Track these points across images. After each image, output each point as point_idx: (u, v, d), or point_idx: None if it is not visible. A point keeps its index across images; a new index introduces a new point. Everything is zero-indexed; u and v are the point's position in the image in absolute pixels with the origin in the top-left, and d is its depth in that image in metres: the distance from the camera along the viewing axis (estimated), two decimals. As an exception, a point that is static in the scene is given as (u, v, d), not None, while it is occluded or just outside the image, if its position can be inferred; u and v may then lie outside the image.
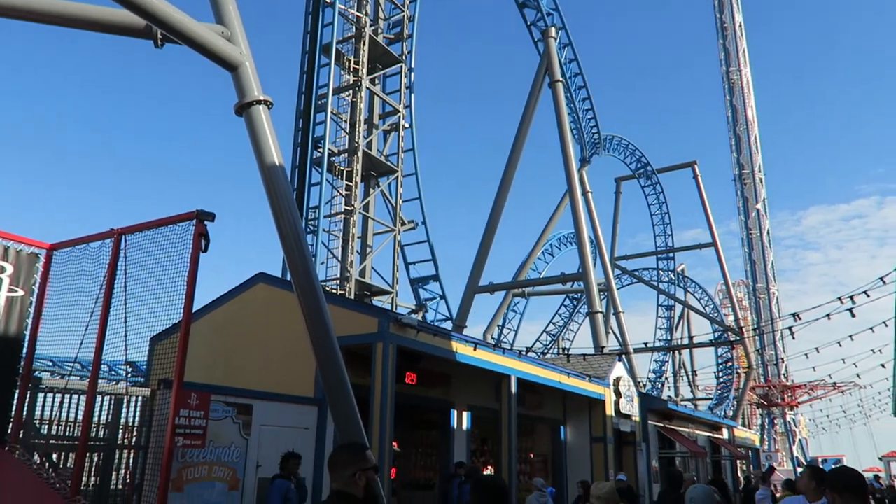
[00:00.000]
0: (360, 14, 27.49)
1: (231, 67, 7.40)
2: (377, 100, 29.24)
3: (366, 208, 27.54)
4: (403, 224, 29.32)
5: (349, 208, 25.96)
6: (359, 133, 26.55)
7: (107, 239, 8.09)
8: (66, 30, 6.88)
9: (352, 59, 26.94)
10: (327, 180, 25.56)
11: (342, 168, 26.25)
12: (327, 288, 24.44)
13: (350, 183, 25.94)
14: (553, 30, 33.85)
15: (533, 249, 45.15)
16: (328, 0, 27.23)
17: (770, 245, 55.98)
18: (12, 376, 8.00)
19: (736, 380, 52.58)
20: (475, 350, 14.99)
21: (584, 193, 39.02)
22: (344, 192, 26.05)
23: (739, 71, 58.14)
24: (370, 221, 28.07)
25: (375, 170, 28.19)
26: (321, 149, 25.65)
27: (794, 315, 13.66)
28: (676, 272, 56.28)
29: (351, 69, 26.89)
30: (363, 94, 27.16)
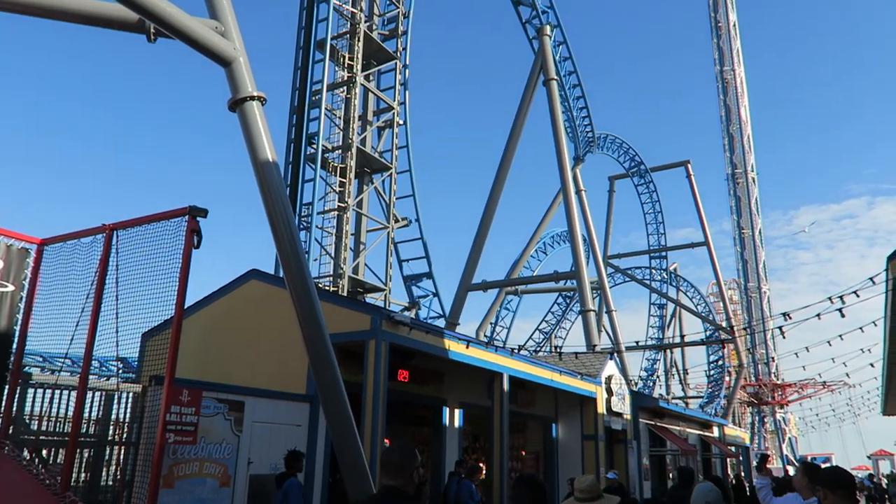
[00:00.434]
0: (355, 10, 27.42)
1: (225, 63, 7.37)
2: (371, 96, 29.19)
3: (359, 205, 27.49)
4: (397, 221, 29.30)
5: (342, 205, 25.91)
6: (353, 129, 26.49)
7: (98, 234, 8.06)
8: (59, 23, 6.84)
9: (346, 56, 26.86)
10: (321, 177, 25.51)
11: (336, 164, 26.19)
12: (320, 284, 24.41)
13: (344, 179, 25.89)
14: (548, 28, 33.85)
15: (526, 247, 45.22)
16: (323, -4, 27.15)
17: (762, 244, 56.27)
18: (2, 372, 7.97)
19: (727, 378, 52.83)
20: (468, 348, 14.99)
21: (578, 192, 39.06)
22: (337, 189, 25.99)
23: (733, 70, 58.34)
24: (363, 218, 28.03)
25: (369, 166, 28.14)
26: (315, 145, 25.60)
27: (785, 315, 13.75)
28: (669, 271, 56.46)
29: (345, 65, 26.81)
30: (357, 91, 27.09)
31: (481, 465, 15.32)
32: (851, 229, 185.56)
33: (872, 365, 21.73)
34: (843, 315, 12.64)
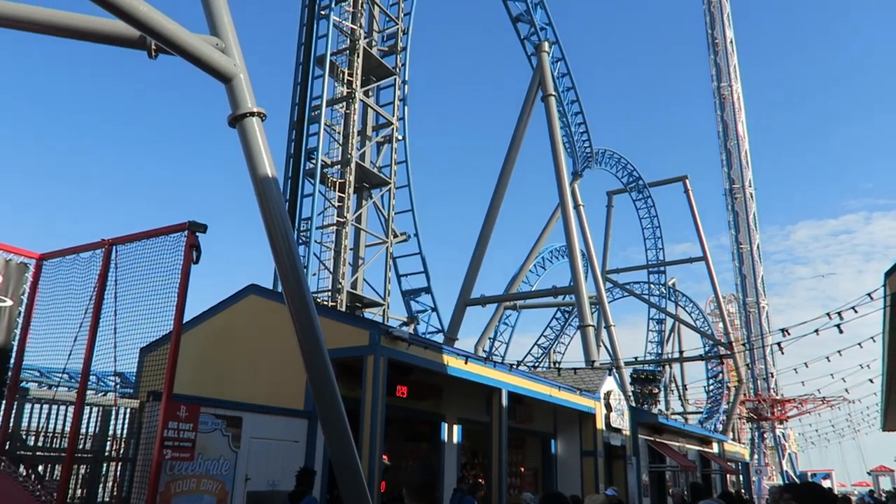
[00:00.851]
0: (355, 26, 27.61)
1: (225, 79, 7.40)
2: (371, 112, 29.31)
3: (358, 220, 27.53)
4: (395, 236, 29.33)
5: (341, 220, 25.94)
6: (352, 145, 26.58)
7: (97, 249, 8.07)
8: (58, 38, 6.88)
9: (346, 71, 27.01)
10: (320, 192, 25.56)
11: (335, 179, 26.25)
12: (319, 299, 24.38)
13: (342, 194, 25.94)
14: (546, 44, 34.06)
15: (525, 262, 45.23)
16: (323, 12, 27.35)
17: (760, 259, 56.27)
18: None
19: (726, 394, 52.66)
20: (466, 363, 14.97)
21: (576, 207, 39.13)
22: (336, 204, 26.04)
23: (730, 86, 58.64)
24: (362, 233, 28.05)
25: (368, 181, 28.21)
26: (314, 160, 25.67)
27: (783, 331, 13.74)
28: (667, 286, 56.46)
29: (345, 81, 26.96)
30: (357, 106, 27.22)
31: (481, 482, 15.24)
32: (849, 244, 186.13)
33: (871, 381, 21.68)
34: (842, 331, 12.63)
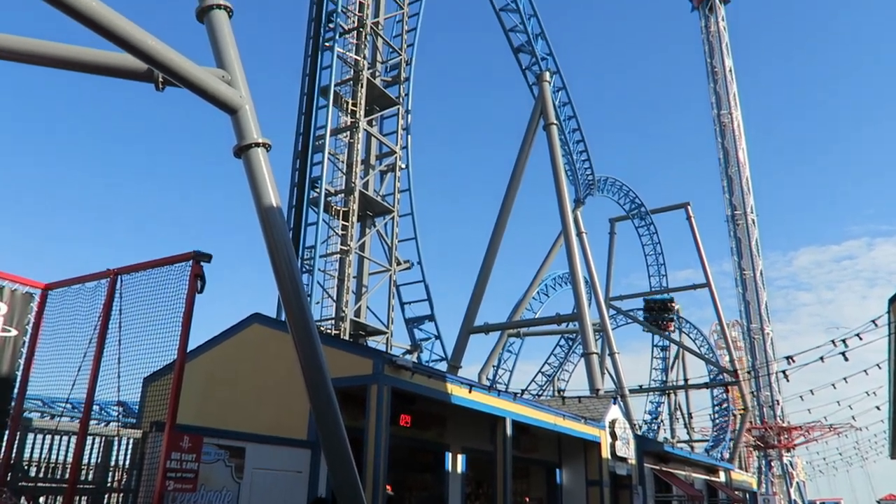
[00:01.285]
0: (359, 57, 27.96)
1: (231, 111, 7.51)
2: (374, 141, 29.55)
3: (361, 248, 27.60)
4: (399, 264, 29.36)
5: (345, 248, 26.01)
6: (355, 173, 26.76)
7: (103, 279, 8.10)
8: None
9: (350, 101, 27.30)
10: (324, 220, 25.68)
11: (338, 208, 26.39)
12: (322, 328, 24.34)
13: (346, 223, 26.05)
14: (547, 74, 34.45)
15: (528, 289, 45.21)
16: (327, 44, 27.73)
17: (763, 286, 56.14)
18: (2, 418, 7.92)
19: (732, 421, 52.15)
20: (470, 392, 14.89)
21: (579, 234, 39.23)
22: (340, 232, 26.13)
23: (730, 114, 59.07)
24: (366, 261, 28.11)
25: (371, 210, 28.35)
26: (318, 189, 25.81)
27: (788, 358, 13.69)
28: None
29: (349, 111, 27.23)
30: (360, 135, 27.45)
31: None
32: (852, 270, 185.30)
33: (878, 408, 21.53)
34: (847, 359, 12.59)
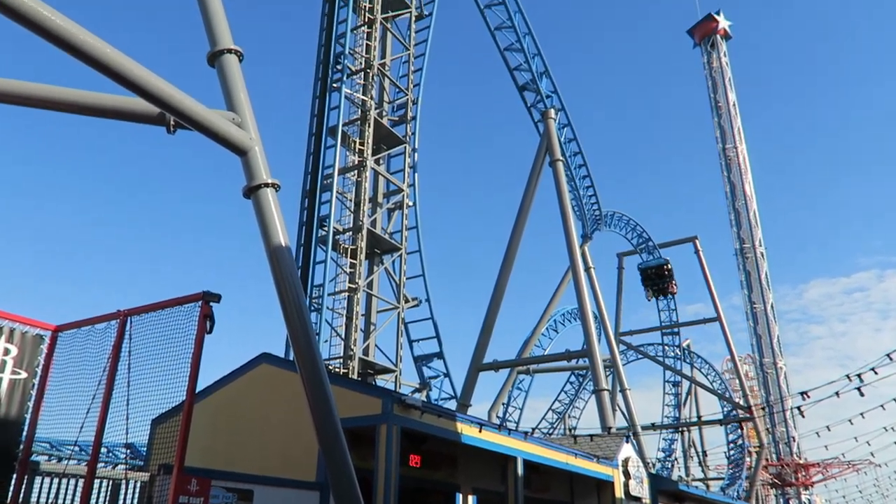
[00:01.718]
0: (366, 97, 28.37)
1: (241, 152, 7.61)
2: (381, 179, 29.81)
3: (369, 286, 27.61)
4: (407, 301, 29.33)
5: (353, 286, 26.03)
6: (363, 212, 26.94)
7: (112, 320, 8.13)
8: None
9: (357, 141, 27.63)
10: (332, 258, 25.75)
11: (347, 246, 26.50)
12: (330, 366, 24.23)
13: (354, 261, 26.12)
14: (552, 111, 34.79)
15: (537, 326, 44.92)
16: (335, 85, 28.19)
17: (775, 319, 55.67)
18: (10, 462, 7.88)
19: (748, 459, 51.21)
20: (480, 431, 14.72)
21: (587, 269, 39.11)
22: (348, 270, 26.19)
23: (735, 148, 59.35)
24: (374, 299, 28.10)
25: (379, 247, 28.44)
26: (326, 227, 25.97)
27: (803, 394, 13.52)
28: (682, 347, 55.70)
29: (356, 150, 27.54)
30: (368, 174, 27.71)
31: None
32: (863, 302, 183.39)
33: (897, 443, 21.11)
34: (863, 394, 12.40)
